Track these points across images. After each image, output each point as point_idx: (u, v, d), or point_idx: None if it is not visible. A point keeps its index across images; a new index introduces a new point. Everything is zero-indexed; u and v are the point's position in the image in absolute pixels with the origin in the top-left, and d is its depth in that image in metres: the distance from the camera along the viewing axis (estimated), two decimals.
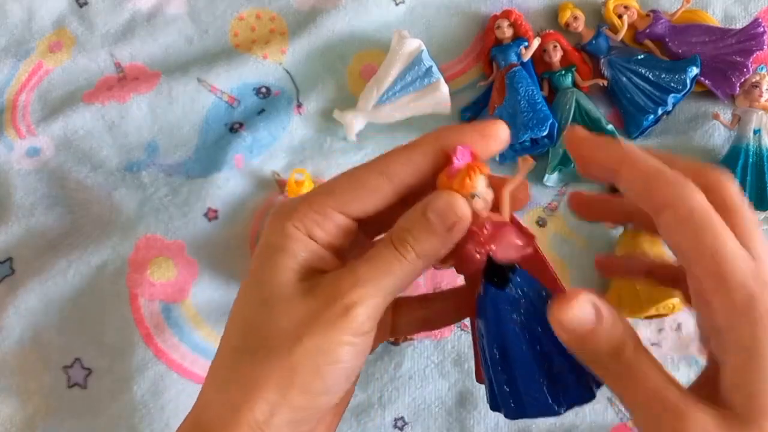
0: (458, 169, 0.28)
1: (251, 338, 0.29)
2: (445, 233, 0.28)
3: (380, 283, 0.28)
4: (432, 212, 0.28)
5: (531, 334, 0.30)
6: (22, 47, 0.66)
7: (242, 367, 0.28)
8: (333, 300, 0.28)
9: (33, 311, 0.57)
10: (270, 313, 0.28)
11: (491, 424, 0.55)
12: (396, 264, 0.28)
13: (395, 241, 0.29)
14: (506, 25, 0.64)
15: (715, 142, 0.61)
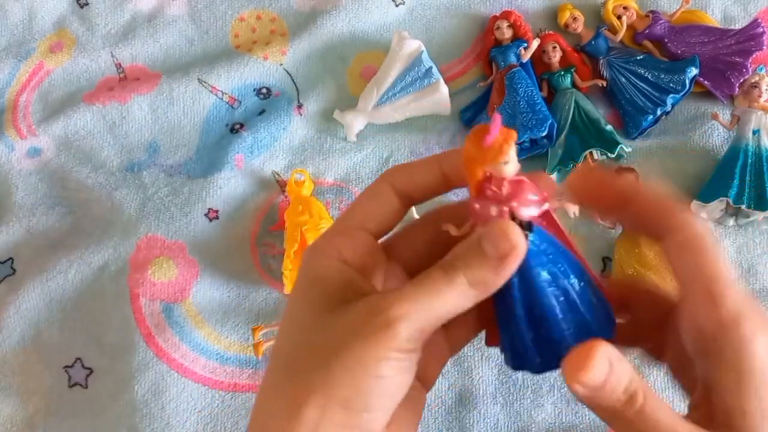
0: (495, 138, 0.28)
1: (294, 359, 0.28)
2: (497, 261, 0.28)
3: (426, 302, 0.27)
4: (486, 239, 0.28)
5: (555, 285, 0.30)
6: (23, 48, 0.66)
7: (286, 387, 0.28)
8: (374, 314, 0.27)
9: (34, 311, 0.57)
10: (313, 332, 0.28)
11: (491, 424, 0.55)
12: (444, 286, 0.28)
13: (446, 265, 0.28)
14: (506, 26, 0.64)
15: (714, 142, 0.61)
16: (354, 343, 0.26)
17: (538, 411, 0.55)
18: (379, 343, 0.26)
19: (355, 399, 0.27)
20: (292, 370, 0.28)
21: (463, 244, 0.29)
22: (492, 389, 0.55)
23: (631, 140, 0.62)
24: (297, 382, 0.27)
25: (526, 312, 0.30)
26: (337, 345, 0.27)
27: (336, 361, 0.26)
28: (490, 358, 0.56)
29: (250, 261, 0.59)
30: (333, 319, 0.28)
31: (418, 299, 0.27)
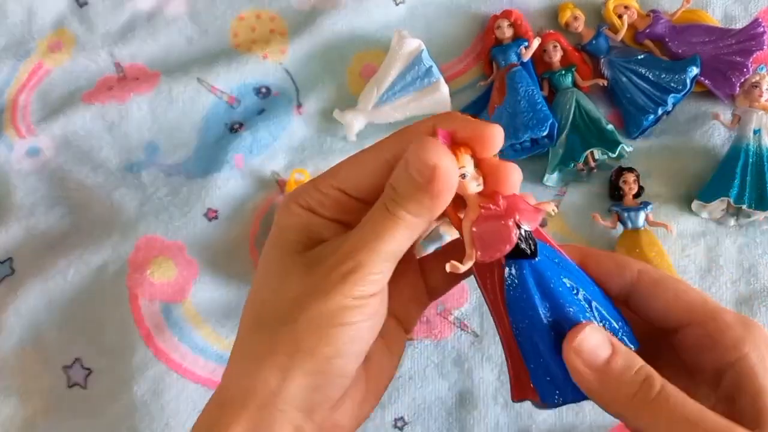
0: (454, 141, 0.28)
1: (263, 314, 0.30)
2: (427, 185, 0.27)
3: (376, 245, 0.28)
4: (411, 166, 0.28)
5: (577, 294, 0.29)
6: (22, 47, 0.66)
7: (255, 341, 0.29)
8: (332, 267, 0.28)
9: (33, 311, 0.57)
10: (277, 287, 0.30)
11: (491, 424, 0.55)
12: (389, 224, 0.29)
13: (386, 201, 0.29)
14: (506, 25, 0.64)
15: (715, 142, 0.61)
16: (317, 296, 0.28)
17: (538, 412, 0.55)
18: (340, 294, 0.28)
19: (323, 347, 0.28)
20: (261, 323, 0.30)
21: (395, 175, 0.29)
22: (492, 390, 0.55)
23: (632, 140, 0.61)
24: (265, 334, 0.29)
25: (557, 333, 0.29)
26: (301, 299, 0.28)
27: (302, 315, 0.28)
28: (490, 358, 0.56)
29: (250, 261, 0.59)
30: (297, 271, 0.29)
31: (368, 243, 0.28)
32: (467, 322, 0.57)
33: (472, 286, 0.58)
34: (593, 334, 0.28)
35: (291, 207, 0.32)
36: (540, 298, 0.29)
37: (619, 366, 0.28)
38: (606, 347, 0.28)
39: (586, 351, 0.28)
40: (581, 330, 0.28)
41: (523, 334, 0.29)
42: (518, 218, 0.28)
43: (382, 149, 0.31)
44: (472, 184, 0.28)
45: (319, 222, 0.31)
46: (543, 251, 0.29)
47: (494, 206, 0.28)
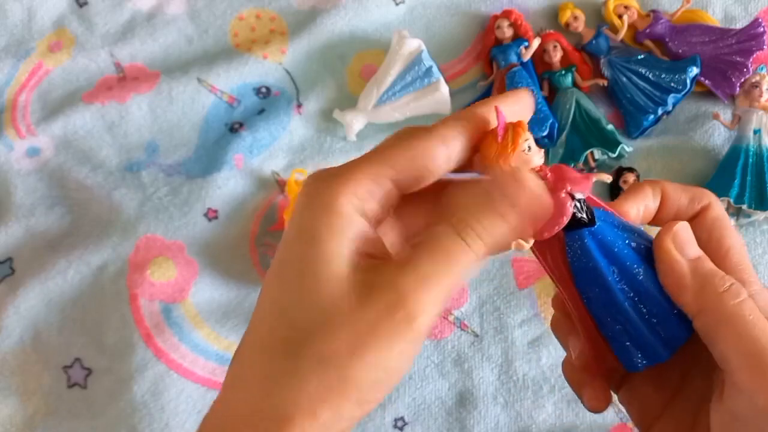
0: (506, 128, 0.27)
1: (297, 341, 0.24)
2: (515, 217, 0.25)
3: (445, 281, 0.25)
4: (500, 192, 0.25)
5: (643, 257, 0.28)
6: (22, 47, 0.66)
7: (289, 377, 0.24)
8: (395, 308, 0.24)
9: (33, 311, 0.57)
10: (321, 316, 0.24)
11: (491, 424, 0.55)
12: (462, 257, 0.25)
13: (460, 229, 0.25)
14: (506, 25, 0.64)
15: (715, 142, 0.61)
16: (376, 344, 0.24)
17: (538, 412, 0.55)
18: (401, 340, 0.24)
19: (372, 396, 0.25)
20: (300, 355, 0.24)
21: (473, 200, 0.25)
22: (492, 390, 0.55)
23: (632, 140, 0.61)
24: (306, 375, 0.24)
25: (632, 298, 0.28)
26: (357, 342, 0.24)
27: (358, 363, 0.24)
28: (490, 358, 0.56)
29: (250, 261, 0.59)
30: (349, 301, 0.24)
31: (436, 279, 0.24)
32: (467, 322, 0.57)
33: (473, 286, 0.58)
34: (685, 229, 0.28)
35: (340, 205, 0.25)
36: (607, 264, 0.28)
37: (708, 267, 0.28)
38: (695, 248, 0.28)
39: (681, 241, 0.28)
40: (674, 224, 0.28)
41: (595, 303, 0.29)
42: (570, 188, 0.27)
43: (445, 138, 0.26)
44: (536, 156, 0.27)
45: (368, 230, 0.26)
46: (600, 216, 0.29)
47: (543, 181, 0.27)
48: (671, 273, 0.28)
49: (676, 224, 0.28)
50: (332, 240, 0.25)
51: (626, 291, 0.28)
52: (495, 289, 0.58)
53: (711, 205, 0.31)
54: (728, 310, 0.26)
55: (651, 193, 0.31)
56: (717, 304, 0.27)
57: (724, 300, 0.27)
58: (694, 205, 0.31)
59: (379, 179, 0.26)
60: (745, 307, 0.26)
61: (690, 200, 0.31)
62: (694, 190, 0.31)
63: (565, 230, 0.28)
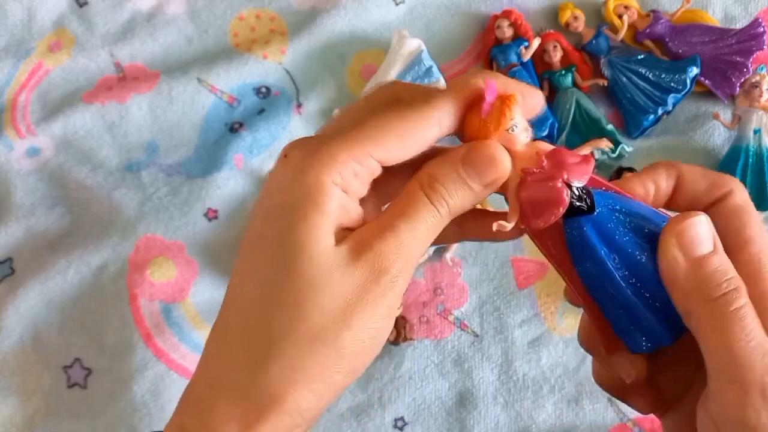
0: (493, 105, 0.26)
1: (286, 318, 0.25)
2: (481, 190, 0.26)
3: (418, 243, 0.26)
4: (471, 166, 0.26)
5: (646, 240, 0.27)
6: (22, 47, 0.66)
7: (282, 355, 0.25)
8: (380, 273, 0.25)
9: (33, 311, 0.57)
10: (309, 290, 0.25)
11: (491, 424, 0.55)
12: (431, 219, 0.26)
13: (430, 193, 0.26)
14: (506, 25, 0.64)
15: (715, 142, 0.61)
16: (362, 311, 0.25)
17: (538, 412, 0.55)
18: (384, 304, 0.25)
19: (360, 364, 0.26)
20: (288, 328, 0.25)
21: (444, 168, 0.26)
22: (492, 390, 0.55)
23: (632, 140, 0.61)
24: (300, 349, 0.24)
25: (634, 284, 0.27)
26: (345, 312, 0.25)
27: (347, 333, 0.25)
28: (490, 358, 0.56)
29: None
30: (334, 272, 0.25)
31: (413, 243, 0.26)
32: (467, 322, 0.57)
33: (473, 286, 0.58)
34: (702, 224, 0.26)
35: (323, 182, 0.25)
36: (607, 252, 0.27)
37: (715, 265, 0.26)
38: (709, 244, 0.26)
39: (688, 239, 0.26)
40: (687, 217, 0.26)
41: (597, 289, 0.28)
42: (567, 176, 0.27)
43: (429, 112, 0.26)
44: (522, 135, 0.27)
45: (350, 205, 0.26)
46: (601, 201, 0.28)
47: (539, 169, 0.27)
48: (667, 273, 0.27)
49: (685, 219, 0.26)
50: (316, 216, 0.25)
51: (627, 277, 0.28)
52: (495, 289, 0.58)
53: (733, 192, 0.29)
54: (711, 317, 0.25)
55: (665, 174, 0.29)
56: (701, 310, 0.26)
57: (708, 307, 0.26)
58: (714, 191, 0.29)
59: (364, 159, 0.26)
60: (736, 318, 0.25)
61: (710, 186, 0.29)
62: (715, 176, 0.29)
63: (564, 217, 0.27)
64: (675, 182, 0.29)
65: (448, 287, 0.58)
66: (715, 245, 0.27)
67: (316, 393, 0.25)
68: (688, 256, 0.26)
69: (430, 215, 0.26)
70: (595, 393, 0.55)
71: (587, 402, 0.54)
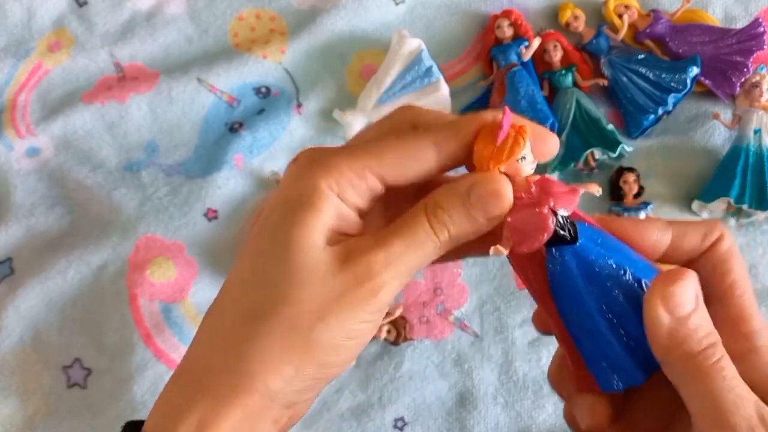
0: (508, 133, 0.27)
1: (268, 303, 0.27)
2: (484, 222, 0.27)
3: (411, 262, 0.27)
4: (477, 198, 0.27)
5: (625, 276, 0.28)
6: (22, 47, 0.66)
7: (258, 336, 0.27)
8: (364, 280, 0.26)
9: (33, 311, 0.57)
10: (293, 280, 0.27)
11: (491, 425, 0.55)
12: (429, 244, 0.27)
13: (432, 219, 0.27)
14: (506, 25, 0.63)
15: (716, 141, 0.61)
16: (339, 310, 0.26)
17: (538, 412, 0.55)
18: (364, 309, 0.27)
19: (331, 359, 0.27)
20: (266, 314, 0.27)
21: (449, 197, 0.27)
22: (492, 390, 0.55)
23: (632, 139, 0.61)
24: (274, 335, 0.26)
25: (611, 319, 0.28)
26: (323, 308, 0.26)
27: (321, 326, 0.26)
28: (490, 358, 0.56)
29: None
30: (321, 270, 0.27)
31: (403, 260, 0.27)
32: (467, 322, 0.57)
33: (473, 287, 0.58)
34: (691, 286, 0.27)
35: (321, 186, 0.27)
36: (585, 285, 0.28)
37: (696, 323, 0.27)
38: (692, 302, 0.27)
39: (675, 301, 0.27)
40: (676, 279, 0.27)
41: (572, 321, 0.29)
42: (553, 204, 0.27)
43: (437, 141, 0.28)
44: (528, 167, 0.27)
45: (346, 212, 0.28)
46: (584, 233, 0.28)
47: (526, 194, 0.27)
48: (650, 326, 0.27)
49: (674, 283, 0.27)
50: (311, 215, 0.27)
51: (604, 312, 0.28)
52: (495, 289, 0.58)
53: (722, 238, 0.30)
54: (696, 371, 0.26)
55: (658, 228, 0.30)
56: (686, 364, 0.26)
57: (694, 361, 0.26)
58: (706, 241, 0.30)
59: (362, 173, 0.27)
60: (716, 370, 0.26)
61: (703, 237, 0.30)
62: (706, 225, 0.30)
63: (546, 245, 0.28)
64: (671, 239, 0.30)
65: (448, 287, 0.58)
66: (697, 303, 0.27)
67: (285, 378, 0.27)
68: (673, 315, 0.27)
69: (427, 239, 0.27)
70: None
71: None
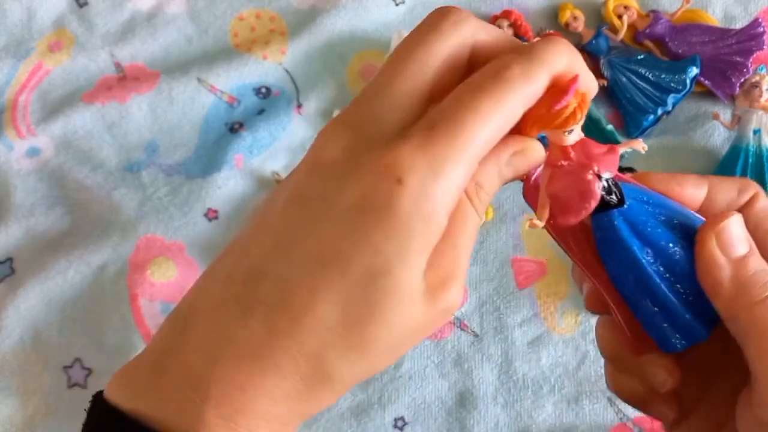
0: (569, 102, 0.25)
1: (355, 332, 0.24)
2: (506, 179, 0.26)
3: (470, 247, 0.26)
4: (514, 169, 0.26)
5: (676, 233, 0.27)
6: (22, 47, 0.66)
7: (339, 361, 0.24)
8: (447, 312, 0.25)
9: (33, 311, 0.57)
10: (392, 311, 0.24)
11: (491, 424, 0.55)
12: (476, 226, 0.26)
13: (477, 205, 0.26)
14: (506, 26, 0.64)
15: (715, 142, 0.61)
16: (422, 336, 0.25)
17: (538, 411, 0.55)
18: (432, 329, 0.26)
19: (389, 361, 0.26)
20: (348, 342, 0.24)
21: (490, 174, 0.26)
22: (492, 390, 0.55)
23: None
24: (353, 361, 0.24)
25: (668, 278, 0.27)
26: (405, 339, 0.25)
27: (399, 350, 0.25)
28: (490, 358, 0.56)
29: None
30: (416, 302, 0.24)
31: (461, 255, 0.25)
32: (467, 322, 0.57)
33: (473, 287, 0.58)
34: (737, 224, 0.26)
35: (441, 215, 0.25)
36: (640, 246, 0.26)
37: (753, 267, 0.26)
38: (745, 244, 0.26)
39: (727, 239, 0.26)
40: (725, 217, 0.26)
41: (628, 286, 0.27)
42: (597, 168, 0.25)
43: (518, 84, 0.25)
44: (572, 138, 0.26)
45: None
46: (629, 194, 0.27)
47: (566, 161, 0.26)
48: (709, 275, 0.26)
49: (723, 219, 0.26)
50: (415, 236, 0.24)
51: (662, 272, 0.27)
52: (495, 289, 0.58)
53: (758, 195, 0.29)
54: (759, 321, 0.25)
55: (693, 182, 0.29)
56: (748, 315, 0.26)
57: (756, 311, 0.25)
58: (742, 196, 0.29)
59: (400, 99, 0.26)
60: None
61: (738, 192, 0.29)
62: (740, 181, 0.29)
63: (592, 213, 0.26)
64: (707, 192, 0.29)
65: None
66: (750, 246, 0.26)
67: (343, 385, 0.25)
68: (729, 256, 0.26)
69: (477, 222, 0.26)
70: (595, 393, 0.55)
71: (587, 402, 0.55)
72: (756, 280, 0.26)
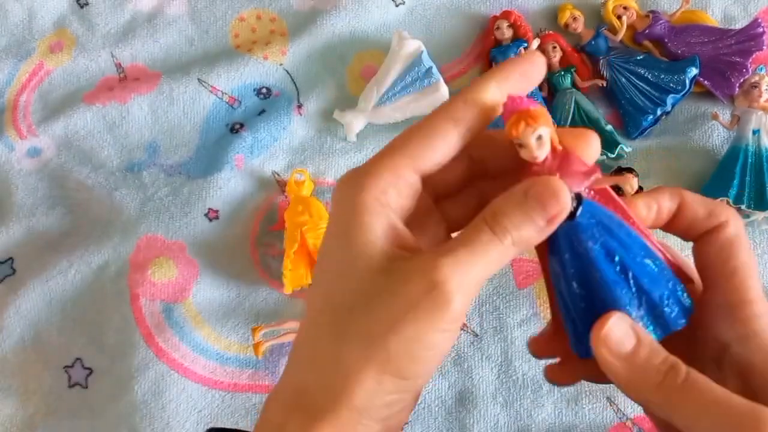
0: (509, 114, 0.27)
1: (344, 320, 0.28)
2: (545, 224, 0.27)
3: (477, 270, 0.27)
4: (534, 199, 0.27)
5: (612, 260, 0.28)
6: (23, 47, 0.66)
7: (337, 351, 0.28)
8: (431, 289, 0.27)
9: (34, 311, 0.57)
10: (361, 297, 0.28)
11: (491, 424, 0.55)
12: (493, 249, 0.27)
13: (492, 224, 0.27)
14: (506, 26, 0.64)
15: (714, 142, 0.61)
16: (412, 320, 0.27)
17: (538, 411, 0.55)
18: (436, 318, 0.27)
19: (409, 369, 0.28)
20: (343, 333, 0.28)
21: (508, 200, 0.28)
22: (492, 389, 0.55)
23: (631, 140, 0.62)
24: (351, 350, 0.27)
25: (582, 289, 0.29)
26: (396, 319, 0.27)
27: (395, 338, 0.27)
28: (490, 358, 0.56)
29: (250, 261, 0.59)
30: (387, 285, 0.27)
31: (470, 266, 0.27)
32: (467, 322, 0.57)
33: None
34: (618, 325, 0.28)
35: (369, 203, 0.28)
36: (570, 260, 0.29)
37: (644, 356, 0.28)
38: (631, 338, 0.28)
39: (612, 342, 0.28)
40: (607, 321, 0.28)
41: (557, 292, 0.30)
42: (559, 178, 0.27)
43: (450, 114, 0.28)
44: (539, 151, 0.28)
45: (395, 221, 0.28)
46: (589, 214, 0.28)
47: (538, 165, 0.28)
48: (610, 374, 0.28)
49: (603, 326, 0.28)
50: (362, 234, 0.28)
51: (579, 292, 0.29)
52: (494, 289, 0.58)
53: (728, 223, 0.30)
54: (673, 397, 0.27)
55: (668, 196, 0.31)
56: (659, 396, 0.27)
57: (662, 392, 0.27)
58: (711, 219, 0.30)
59: (398, 170, 0.28)
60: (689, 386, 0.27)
61: (708, 214, 0.30)
62: (714, 205, 0.31)
63: None
64: (677, 206, 0.31)
65: None
66: (637, 338, 0.28)
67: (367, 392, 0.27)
68: (619, 354, 0.28)
69: (490, 244, 0.27)
70: (595, 392, 0.55)
71: (586, 401, 0.55)
72: (649, 365, 0.28)
